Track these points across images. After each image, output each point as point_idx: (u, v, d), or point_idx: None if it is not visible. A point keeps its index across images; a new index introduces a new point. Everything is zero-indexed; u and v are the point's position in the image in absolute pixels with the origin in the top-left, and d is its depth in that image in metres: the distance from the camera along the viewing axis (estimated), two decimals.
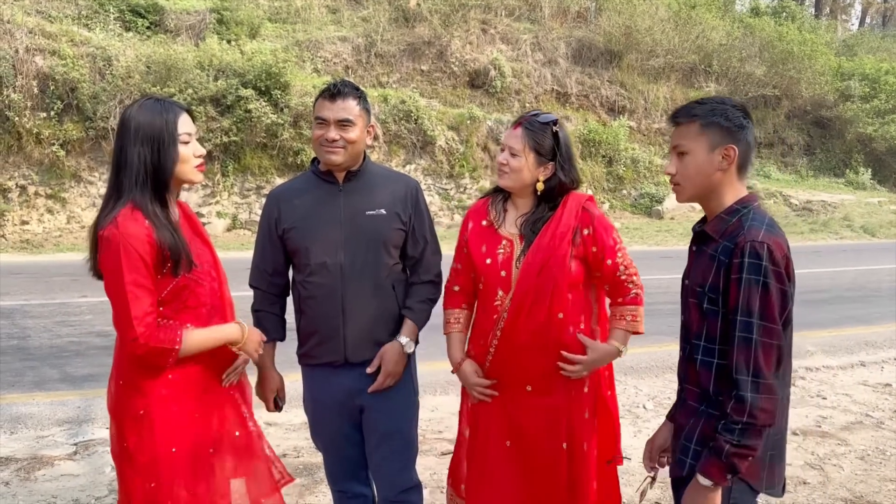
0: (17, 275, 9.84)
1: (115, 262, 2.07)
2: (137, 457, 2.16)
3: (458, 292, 2.66)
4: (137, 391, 2.16)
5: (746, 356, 1.86)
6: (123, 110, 2.21)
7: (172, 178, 2.20)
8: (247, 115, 13.71)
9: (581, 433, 2.50)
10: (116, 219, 2.09)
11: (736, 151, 1.96)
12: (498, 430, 2.54)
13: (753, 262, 1.85)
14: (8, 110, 12.47)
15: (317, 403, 2.69)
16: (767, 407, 1.84)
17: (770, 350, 1.86)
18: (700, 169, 1.99)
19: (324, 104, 2.55)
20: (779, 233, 1.93)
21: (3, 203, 12.67)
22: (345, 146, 2.53)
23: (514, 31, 19.57)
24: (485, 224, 2.60)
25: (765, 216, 1.96)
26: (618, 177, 18.36)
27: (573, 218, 2.47)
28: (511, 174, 2.49)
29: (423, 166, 16.10)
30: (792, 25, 23.35)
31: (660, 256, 12.32)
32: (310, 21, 18.10)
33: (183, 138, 2.20)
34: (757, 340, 1.85)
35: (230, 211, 14.25)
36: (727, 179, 2.00)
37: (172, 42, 14.69)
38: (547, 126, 2.48)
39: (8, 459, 4.06)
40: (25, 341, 6.45)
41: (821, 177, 22.11)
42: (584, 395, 2.51)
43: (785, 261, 1.88)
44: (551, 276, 2.41)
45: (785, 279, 1.88)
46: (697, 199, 2.06)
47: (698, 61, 21.02)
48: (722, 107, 1.99)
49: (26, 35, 13.09)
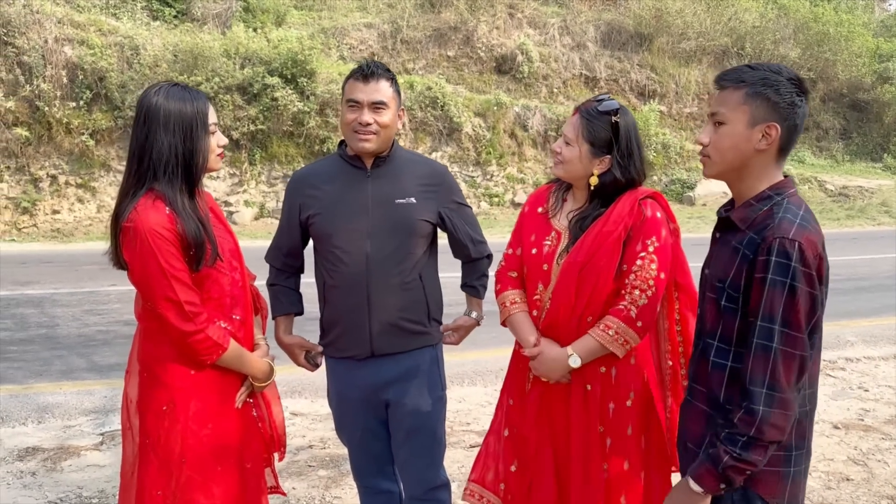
0: (48, 263, 9.94)
1: (148, 253, 2.01)
2: (161, 452, 2.10)
3: (516, 278, 2.43)
4: (162, 385, 2.11)
5: (763, 366, 1.66)
6: (143, 96, 2.11)
7: (205, 167, 2.15)
8: (273, 104, 13.69)
9: (622, 420, 2.27)
10: (136, 208, 2.03)
11: (779, 131, 1.73)
12: (540, 435, 2.36)
13: (781, 262, 1.64)
14: (38, 100, 12.58)
15: (341, 397, 2.61)
16: (779, 423, 1.65)
17: (791, 361, 1.65)
18: (735, 144, 1.76)
19: (356, 85, 2.43)
20: (813, 228, 1.70)
21: (35, 192, 12.81)
22: (377, 132, 2.42)
23: (542, 15, 19.27)
24: (540, 211, 2.41)
25: (800, 207, 1.74)
26: (648, 162, 18.03)
27: (625, 216, 2.22)
28: (564, 164, 2.28)
29: (450, 153, 15.97)
30: (828, 6, 22.71)
31: (691, 244, 11.97)
32: (336, 8, 18.00)
33: (211, 128, 2.15)
34: (777, 350, 1.65)
35: (258, 199, 14.26)
36: (763, 161, 1.77)
37: (199, 30, 14.71)
38: (606, 115, 2.23)
39: (35, 449, 4.05)
40: (54, 330, 6.48)
41: (857, 161, 21.54)
42: (624, 386, 2.29)
43: (818, 261, 1.67)
44: (590, 279, 2.20)
45: (816, 283, 1.66)
46: (726, 177, 1.83)
47: (731, 44, 20.54)
48: (775, 77, 1.74)
49: (55, 25, 13.17)
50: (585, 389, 2.27)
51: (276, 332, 2.64)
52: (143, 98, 2.11)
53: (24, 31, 12.76)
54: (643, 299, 2.16)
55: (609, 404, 2.27)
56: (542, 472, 2.36)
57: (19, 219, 12.69)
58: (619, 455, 2.27)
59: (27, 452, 4.01)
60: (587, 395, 2.27)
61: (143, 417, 2.15)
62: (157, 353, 2.13)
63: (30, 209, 12.73)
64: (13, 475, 3.73)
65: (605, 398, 2.26)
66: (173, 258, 2.03)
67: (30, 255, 10.84)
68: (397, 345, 2.50)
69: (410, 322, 2.51)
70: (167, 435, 2.10)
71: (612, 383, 2.27)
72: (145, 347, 2.17)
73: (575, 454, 2.28)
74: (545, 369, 2.27)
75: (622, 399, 2.27)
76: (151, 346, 2.15)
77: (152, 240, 2.00)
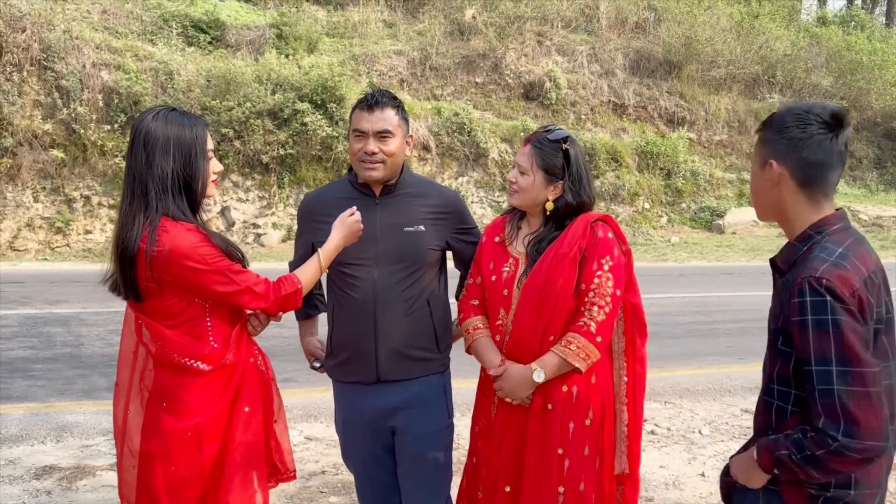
0: (78, 283, 10.10)
1: (199, 263, 2.03)
2: (188, 475, 2.11)
3: (478, 306, 2.52)
4: (187, 412, 2.11)
5: (833, 412, 1.55)
6: (139, 121, 2.11)
7: (204, 193, 2.16)
8: (303, 129, 13.88)
9: (581, 440, 2.33)
10: (162, 233, 2.02)
11: (779, 166, 1.71)
12: (503, 461, 2.41)
13: (816, 301, 1.57)
14: (74, 123, 12.89)
15: (348, 423, 2.60)
16: (853, 457, 1.54)
17: (863, 399, 1.54)
18: (755, 184, 1.82)
19: (361, 115, 2.46)
20: (851, 265, 1.62)
21: (69, 213, 13.08)
22: (384, 160, 2.44)
23: (571, 42, 19.34)
24: (497, 240, 2.51)
25: (840, 244, 1.67)
26: (676, 190, 17.92)
27: (578, 238, 2.33)
28: (520, 193, 2.41)
29: (476, 178, 16.02)
30: (861, 35, 22.50)
31: (720, 272, 11.92)
32: (366, 35, 18.25)
33: (209, 154, 2.17)
34: (841, 391, 1.54)
35: (286, 222, 14.40)
36: (789, 199, 1.73)
37: (232, 57, 15.00)
38: (556, 143, 2.37)
39: (52, 468, 4.08)
40: (79, 349, 6.57)
41: (892, 191, 21.16)
42: (584, 405, 2.34)
43: (856, 299, 1.59)
44: (550, 299, 2.29)
45: (859, 318, 1.58)
46: (770, 219, 1.82)
47: (762, 72, 20.41)
48: (782, 117, 1.74)
49: (93, 50, 13.53)
50: (546, 409, 2.32)
51: (300, 334, 2.80)
52: (139, 123, 2.11)
53: (64, 56, 13.12)
54: (601, 315, 2.27)
55: (569, 423, 2.32)
56: (496, 499, 2.40)
57: (53, 238, 12.96)
58: (575, 477, 2.33)
59: (44, 471, 4.04)
60: (547, 415, 2.32)
61: (164, 450, 2.12)
62: (180, 381, 2.12)
63: (63, 229, 12.99)
64: (29, 494, 3.77)
65: (566, 417, 2.32)
66: (219, 258, 2.07)
67: (61, 274, 11.03)
68: (404, 371, 2.49)
69: (417, 349, 2.50)
70: (192, 460, 2.10)
71: (573, 402, 2.33)
72: (162, 376, 2.15)
73: (527, 476, 2.32)
74: (510, 387, 2.33)
75: (581, 418, 2.34)
76: (170, 374, 2.13)
77: (195, 250, 2.03)
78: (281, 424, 2.36)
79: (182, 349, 2.11)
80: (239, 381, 2.19)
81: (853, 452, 1.55)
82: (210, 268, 2.05)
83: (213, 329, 2.14)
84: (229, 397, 2.16)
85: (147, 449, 2.14)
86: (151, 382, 2.17)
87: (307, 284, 2.28)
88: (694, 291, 9.74)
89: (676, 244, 16.12)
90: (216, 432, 2.14)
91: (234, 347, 2.17)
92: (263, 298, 2.14)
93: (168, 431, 2.11)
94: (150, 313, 2.12)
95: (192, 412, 2.11)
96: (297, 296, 2.23)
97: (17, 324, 7.40)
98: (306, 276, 2.28)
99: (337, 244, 2.33)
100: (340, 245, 2.34)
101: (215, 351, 2.13)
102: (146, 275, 2.04)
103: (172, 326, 2.11)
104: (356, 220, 2.34)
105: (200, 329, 2.13)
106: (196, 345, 2.11)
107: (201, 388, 2.12)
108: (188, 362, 2.11)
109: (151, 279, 2.04)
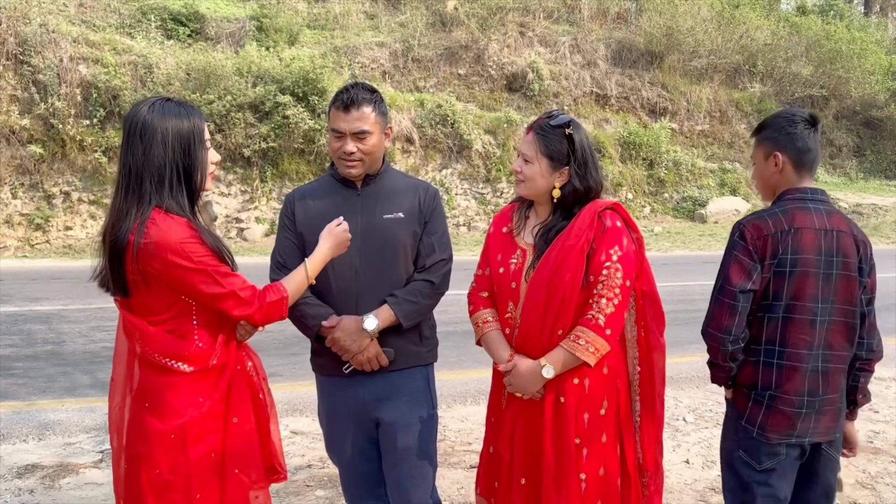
0: (58, 280, 10.00)
1: (184, 259, 1.97)
2: (172, 478, 2.06)
3: (487, 297, 2.48)
4: (170, 413, 2.05)
5: (708, 310, 2.29)
6: (134, 112, 2.05)
7: (204, 184, 2.12)
8: (284, 122, 13.79)
9: (597, 429, 2.30)
10: (151, 225, 1.97)
11: (779, 156, 2.33)
12: (512, 454, 2.39)
13: (731, 239, 2.28)
14: (53, 118, 12.73)
15: (331, 416, 2.59)
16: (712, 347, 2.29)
17: (724, 306, 2.22)
18: (762, 174, 2.41)
19: (338, 115, 2.45)
20: (771, 220, 2.23)
21: (48, 209, 12.93)
22: (362, 159, 2.46)
23: (553, 33, 19.35)
24: (505, 231, 2.48)
25: (783, 206, 2.27)
26: (659, 180, 18.01)
27: (585, 229, 2.27)
28: (526, 182, 2.37)
29: (460, 170, 16.00)
30: (840, 24, 22.68)
31: (702, 262, 11.98)
32: (348, 27, 18.16)
33: (207, 144, 2.13)
34: (716, 297, 2.26)
35: (268, 216, 14.33)
36: (787, 179, 2.34)
37: (212, 49, 14.87)
38: (560, 129, 2.32)
39: (35, 466, 4.04)
40: (60, 346, 6.50)
41: (871, 179, 21.41)
42: (597, 396, 2.31)
43: (761, 241, 2.21)
44: (557, 293, 2.24)
45: (754, 256, 2.21)
46: (772, 199, 2.39)
47: (742, 61, 20.53)
48: (776, 119, 2.36)
49: (70, 44, 13.36)
50: (559, 402, 2.29)
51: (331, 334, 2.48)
52: (134, 114, 2.05)
53: (40, 50, 12.94)
54: (610, 307, 2.22)
55: (584, 415, 2.29)
56: (513, 492, 2.38)
57: (32, 235, 12.81)
58: (595, 462, 2.30)
59: (26, 470, 4.00)
60: (560, 408, 2.29)
61: (147, 451, 2.07)
62: (164, 381, 2.07)
63: (43, 225, 12.85)
64: (11, 493, 3.73)
65: (580, 409, 2.29)
66: (207, 256, 2.01)
67: (41, 271, 10.91)
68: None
69: (398, 337, 2.49)
70: (177, 462, 2.06)
71: (586, 394, 2.29)
72: (147, 375, 2.09)
73: (546, 467, 2.29)
74: (520, 383, 2.30)
75: (596, 409, 2.30)
76: (153, 374, 2.08)
77: (182, 246, 1.97)
78: (273, 426, 2.31)
79: (164, 349, 2.05)
80: (227, 387, 2.13)
81: (707, 339, 2.28)
82: (195, 266, 1.99)
83: (199, 329, 2.09)
84: (216, 400, 2.10)
85: (132, 450, 2.10)
86: (137, 383, 2.12)
87: (293, 293, 2.21)
88: (677, 280, 9.76)
89: (659, 234, 16.20)
90: (201, 434, 2.08)
91: (221, 350, 2.11)
92: (247, 305, 2.07)
93: (151, 433, 2.05)
94: (136, 309, 2.07)
95: (176, 413, 2.05)
96: (282, 304, 2.15)
97: None
98: (292, 286, 2.21)
99: (325, 254, 2.30)
100: (328, 255, 2.31)
101: (200, 351, 2.07)
102: (133, 267, 1.99)
103: (157, 323, 2.05)
104: (344, 230, 2.32)
105: (186, 328, 2.07)
106: (179, 344, 2.06)
107: (185, 389, 2.06)
108: (170, 363, 2.05)
109: (137, 272, 1.99)
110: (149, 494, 2.07)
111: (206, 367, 2.08)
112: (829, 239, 2.23)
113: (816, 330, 2.23)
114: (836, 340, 2.27)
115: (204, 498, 2.10)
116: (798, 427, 2.25)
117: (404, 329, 2.48)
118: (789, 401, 2.25)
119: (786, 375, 2.24)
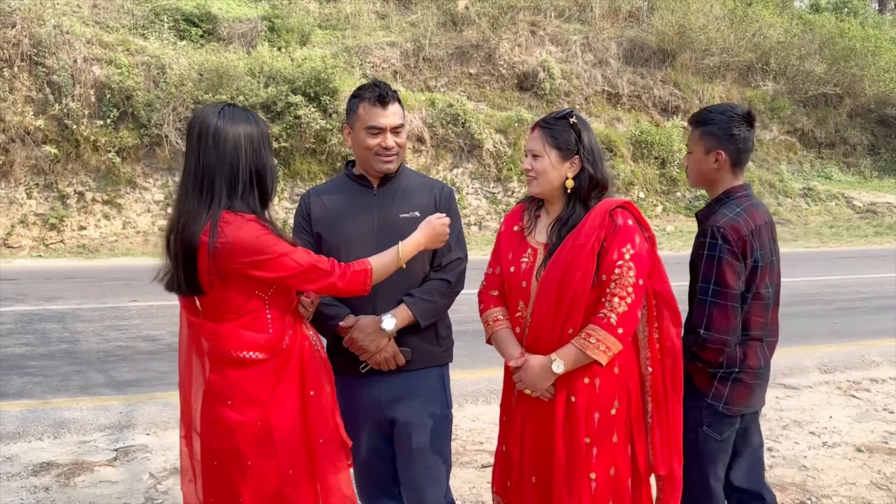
0: (73, 279, 10.08)
1: (259, 252, 2.04)
2: (263, 463, 2.14)
3: (497, 296, 2.48)
4: (254, 404, 2.13)
5: (701, 316, 2.41)
6: (201, 119, 2.10)
7: (275, 185, 2.21)
8: (296, 122, 13.83)
9: (607, 429, 2.28)
10: (224, 225, 2.04)
11: (721, 154, 2.52)
12: (522, 453, 2.40)
13: (712, 242, 2.37)
14: (67, 118, 12.82)
15: (346, 415, 2.58)
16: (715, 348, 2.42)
17: (721, 308, 2.38)
18: (699, 167, 2.58)
19: (376, 111, 2.46)
20: (741, 220, 2.39)
21: (62, 209, 13.02)
22: (398, 153, 2.51)
23: (564, 32, 19.29)
24: (516, 230, 2.47)
25: (739, 206, 2.44)
26: (671, 179, 17.93)
27: (596, 227, 2.25)
28: (538, 178, 2.35)
29: (471, 170, 15.99)
30: (854, 21, 22.47)
31: None
32: (359, 27, 18.18)
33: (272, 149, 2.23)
34: (710, 303, 2.38)
35: (280, 216, 14.35)
36: (724, 174, 2.53)
37: (224, 50, 14.92)
38: (563, 120, 2.33)
39: (50, 465, 4.08)
40: (75, 345, 6.55)
41: (886, 178, 21.20)
42: (608, 396, 2.29)
43: (742, 242, 2.37)
44: (568, 293, 2.23)
45: (738, 257, 2.37)
46: (699, 186, 2.62)
47: (755, 59, 20.39)
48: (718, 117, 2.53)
49: (84, 45, 13.44)
50: (569, 401, 2.28)
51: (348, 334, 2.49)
52: (202, 120, 2.10)
53: (55, 51, 13.04)
54: (623, 306, 2.20)
55: (594, 414, 2.28)
56: (524, 491, 2.39)
57: (47, 235, 12.91)
58: (605, 462, 2.28)
59: (42, 468, 4.04)
60: (571, 407, 2.28)
61: (235, 446, 2.13)
62: (242, 374, 2.13)
63: (57, 225, 12.94)
64: (27, 490, 3.76)
65: (591, 408, 2.28)
66: (279, 243, 2.08)
67: (55, 270, 11.00)
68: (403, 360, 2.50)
69: (414, 337, 2.50)
70: (263, 450, 2.13)
71: (597, 393, 2.28)
72: (222, 372, 2.15)
73: (557, 467, 2.28)
74: (530, 378, 2.28)
75: (607, 408, 2.29)
76: (230, 369, 2.14)
77: (258, 240, 2.05)
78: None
79: (239, 343, 2.12)
80: (299, 365, 2.20)
81: (710, 343, 2.39)
82: (274, 254, 2.06)
83: (271, 317, 2.16)
84: (291, 381, 2.18)
85: (218, 447, 2.16)
86: (209, 382, 2.18)
87: (378, 269, 2.24)
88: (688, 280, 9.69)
89: (672, 233, 16.14)
90: (284, 414, 2.15)
91: (291, 332, 2.19)
92: (328, 274, 2.15)
93: (235, 427, 2.12)
94: (210, 308, 2.13)
95: (258, 402, 2.13)
96: (365, 275, 2.21)
97: (12, 321, 7.38)
98: (379, 262, 2.26)
99: (419, 242, 2.33)
100: (422, 244, 2.34)
101: (272, 337, 2.15)
102: (209, 267, 2.04)
103: (233, 320, 2.12)
104: (444, 224, 2.35)
105: (261, 321, 2.15)
106: (253, 337, 2.13)
107: (263, 376, 2.14)
108: (245, 355, 2.12)
109: (214, 271, 2.05)
110: (242, 487, 2.13)
111: (279, 350, 2.16)
112: (769, 230, 2.52)
113: (769, 311, 2.53)
114: (774, 317, 2.58)
115: (297, 473, 2.17)
116: (755, 397, 2.55)
117: (421, 329, 2.49)
118: (752, 373, 2.51)
119: (746, 352, 2.49)
